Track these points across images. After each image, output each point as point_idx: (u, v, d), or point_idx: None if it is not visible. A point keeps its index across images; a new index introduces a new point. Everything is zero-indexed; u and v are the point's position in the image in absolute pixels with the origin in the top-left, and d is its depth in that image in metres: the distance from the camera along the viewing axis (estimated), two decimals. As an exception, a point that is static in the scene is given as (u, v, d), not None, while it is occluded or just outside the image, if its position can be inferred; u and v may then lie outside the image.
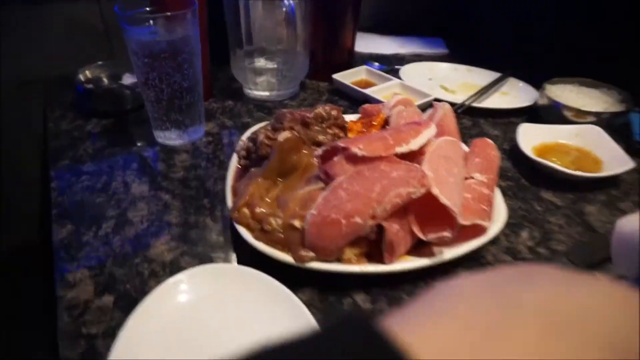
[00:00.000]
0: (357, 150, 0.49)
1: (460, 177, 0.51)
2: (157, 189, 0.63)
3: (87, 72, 0.86)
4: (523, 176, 0.67)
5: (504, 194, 0.60)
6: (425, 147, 0.52)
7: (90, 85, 0.83)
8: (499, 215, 0.52)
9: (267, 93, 0.88)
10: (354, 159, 0.49)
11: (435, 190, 0.46)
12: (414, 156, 0.51)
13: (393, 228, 0.46)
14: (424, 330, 0.14)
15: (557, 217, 0.59)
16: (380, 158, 0.49)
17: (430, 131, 0.53)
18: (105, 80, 0.86)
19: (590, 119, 0.74)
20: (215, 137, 0.77)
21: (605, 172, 0.64)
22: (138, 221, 0.57)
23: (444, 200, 0.45)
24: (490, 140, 0.60)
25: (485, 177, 0.53)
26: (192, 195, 0.63)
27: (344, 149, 0.50)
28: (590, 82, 0.82)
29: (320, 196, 0.48)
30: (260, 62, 0.88)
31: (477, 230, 0.50)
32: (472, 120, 0.83)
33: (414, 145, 0.51)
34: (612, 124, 0.75)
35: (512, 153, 0.72)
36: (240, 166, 0.63)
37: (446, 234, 0.46)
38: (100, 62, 0.88)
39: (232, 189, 0.58)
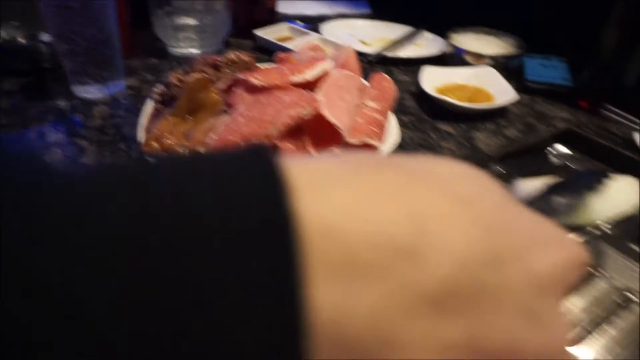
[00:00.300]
0: (255, 80, 0.53)
1: (353, 103, 0.56)
2: (73, 136, 0.65)
3: (3, 32, 0.85)
4: (424, 112, 0.73)
5: (406, 127, 0.66)
6: (322, 79, 0.56)
7: (4, 43, 0.82)
8: (392, 137, 0.58)
9: (189, 50, 0.90)
10: (252, 89, 0.53)
11: (325, 112, 0.50)
12: (310, 86, 0.55)
13: (287, 147, 0.51)
14: (305, 161, 0.14)
15: (449, 143, 0.66)
16: (276, 87, 0.53)
17: (325, 64, 0.57)
18: (21, 40, 0.85)
19: (487, 61, 0.81)
20: (136, 90, 0.79)
21: (493, 104, 0.70)
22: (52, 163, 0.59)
23: (331, 119, 0.50)
24: (386, 75, 0.65)
25: (378, 104, 0.58)
26: (108, 140, 0.65)
27: (243, 81, 0.53)
28: (490, 30, 0.89)
29: (222, 123, 0.52)
30: (181, 20, 0.90)
31: (369, 150, 0.55)
32: (385, 68, 0.89)
33: (308, 75, 0.55)
34: (508, 66, 0.82)
35: (417, 93, 0.78)
36: (155, 110, 0.65)
37: (335, 150, 0.50)
38: (16, 23, 0.87)
39: (145, 129, 0.61)
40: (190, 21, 0.89)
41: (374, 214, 0.12)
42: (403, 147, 0.64)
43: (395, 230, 0.12)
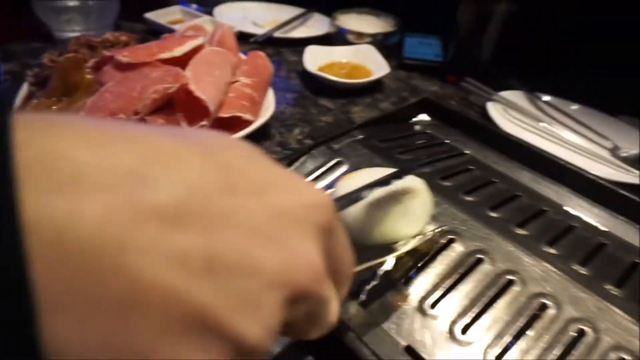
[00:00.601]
0: (122, 57, 0.54)
1: (222, 79, 0.58)
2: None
3: None
4: (307, 89, 0.78)
5: (288, 103, 0.69)
6: (192, 56, 0.59)
7: None
8: (267, 111, 0.61)
9: (75, 33, 0.88)
10: (121, 66, 0.54)
11: (192, 86, 0.53)
12: (181, 63, 0.57)
13: (158, 122, 0.52)
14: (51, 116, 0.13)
15: (327, 117, 0.70)
16: (144, 64, 0.54)
17: (195, 41, 0.59)
18: None
19: (367, 39, 0.87)
20: (14, 74, 0.76)
21: (367, 79, 0.76)
22: None
23: (197, 93, 0.52)
24: (261, 53, 0.68)
25: (250, 80, 0.61)
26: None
27: (111, 58, 0.54)
28: (371, 10, 0.94)
29: (89, 100, 0.52)
30: (62, 1, 0.87)
31: (242, 123, 0.58)
32: (275, 49, 0.92)
33: (177, 52, 0.57)
34: (387, 44, 0.88)
35: (302, 72, 0.82)
36: (29, 92, 0.64)
37: (204, 122, 0.53)
38: None
39: (17, 111, 0.59)
40: (71, 2, 0.87)
41: (106, 146, 0.13)
42: (283, 121, 0.68)
43: (126, 157, 0.13)
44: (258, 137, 0.62)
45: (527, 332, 0.34)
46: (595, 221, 0.47)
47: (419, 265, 0.39)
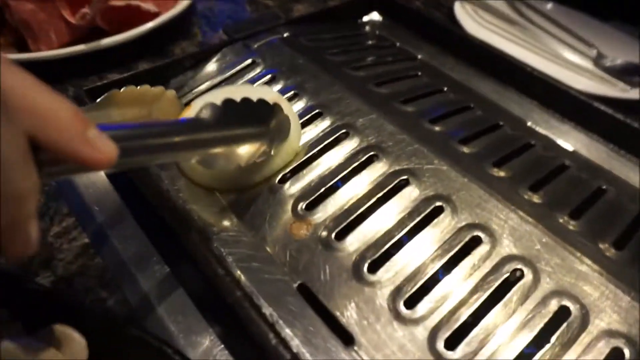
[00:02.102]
0: None
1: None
2: None
3: None
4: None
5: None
6: None
7: None
8: (180, 4, 0.50)
9: None
10: None
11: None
12: None
13: (26, 7, 0.41)
14: None
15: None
16: None
17: None
18: None
19: None
20: None
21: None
22: None
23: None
24: None
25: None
26: None
27: None
28: None
29: None
30: None
31: (143, 16, 0.47)
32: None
33: None
34: None
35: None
36: None
37: (85, 10, 0.42)
38: None
39: None
40: None
41: None
42: (209, 19, 0.57)
43: None
44: (173, 36, 0.51)
45: (453, 272, 0.27)
46: (562, 140, 0.38)
47: (328, 184, 0.31)
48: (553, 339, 0.24)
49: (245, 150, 0.30)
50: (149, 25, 0.46)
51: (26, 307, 0.24)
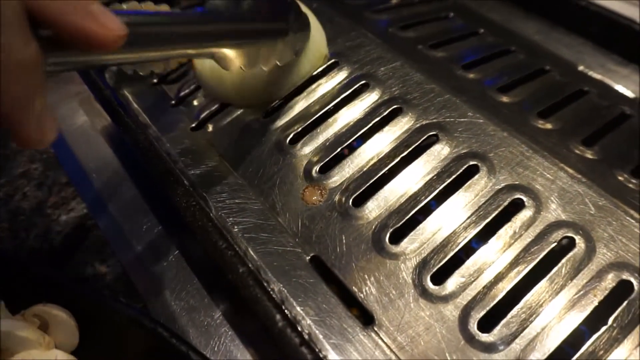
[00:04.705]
0: None
1: None
2: None
3: None
4: None
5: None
6: None
7: None
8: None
9: None
10: None
11: None
12: None
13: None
14: None
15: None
16: None
17: None
18: None
19: None
20: None
21: None
22: None
23: None
24: None
25: None
26: None
27: None
28: None
29: None
30: None
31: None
32: None
33: None
34: None
35: None
36: None
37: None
38: None
39: None
40: None
41: None
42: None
43: None
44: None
45: (489, 241, 0.23)
46: (621, 86, 0.33)
47: (345, 144, 0.27)
48: (611, 319, 0.20)
49: (266, 54, 0.26)
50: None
51: (11, 285, 0.22)
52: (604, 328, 0.20)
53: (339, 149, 0.27)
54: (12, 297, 0.21)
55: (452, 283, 0.22)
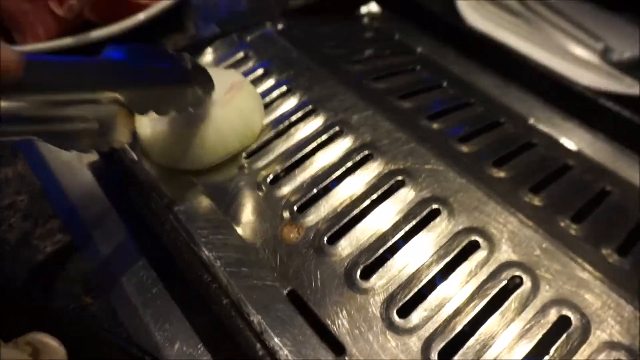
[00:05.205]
0: None
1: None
2: None
3: None
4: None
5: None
6: None
7: None
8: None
9: None
10: None
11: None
12: None
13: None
14: None
15: (257, 4, 0.57)
16: None
17: None
18: None
19: None
20: None
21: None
22: None
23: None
24: None
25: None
26: None
27: None
28: None
29: None
30: None
31: (134, 7, 0.45)
32: None
33: None
34: None
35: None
36: None
37: (73, 1, 0.41)
38: None
39: None
40: None
41: None
42: (203, 11, 0.55)
43: None
44: (165, 28, 0.50)
45: (449, 278, 0.26)
46: (565, 139, 0.37)
47: (320, 185, 0.30)
48: (552, 350, 0.23)
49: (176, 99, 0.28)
50: (140, 17, 0.44)
51: (3, 314, 0.23)
52: (546, 358, 0.23)
53: (314, 190, 0.30)
54: (4, 325, 0.22)
55: (416, 316, 0.24)
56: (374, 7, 0.51)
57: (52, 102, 0.20)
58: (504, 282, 0.25)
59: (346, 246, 0.27)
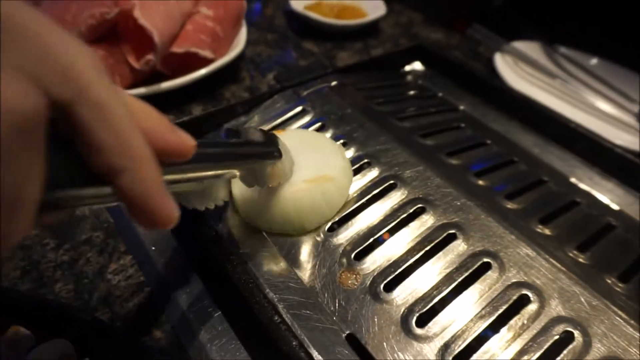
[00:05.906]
0: (58, -26, 0.46)
1: (178, 8, 0.50)
2: None
3: None
4: (291, 30, 0.68)
5: (267, 44, 0.61)
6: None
7: None
8: (234, 50, 0.53)
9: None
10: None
11: (136, 13, 0.44)
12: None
13: (98, 53, 0.45)
14: None
15: (308, 61, 0.61)
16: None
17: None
18: None
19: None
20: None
21: (359, 21, 0.66)
22: None
23: (142, 21, 0.44)
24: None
25: (212, 12, 0.52)
26: None
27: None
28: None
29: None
30: None
31: (200, 61, 0.50)
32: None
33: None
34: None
35: (289, 12, 0.73)
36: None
37: (150, 57, 0.45)
38: None
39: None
40: None
41: None
42: (258, 64, 0.59)
43: None
44: (224, 79, 0.54)
45: (501, 330, 0.27)
46: (606, 198, 0.38)
47: (376, 235, 0.32)
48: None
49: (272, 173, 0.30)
50: (203, 71, 0.48)
51: (83, 341, 0.25)
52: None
53: (370, 240, 0.32)
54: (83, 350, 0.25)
55: (471, 366, 0.26)
56: (417, 66, 0.55)
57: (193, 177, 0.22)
58: (556, 337, 0.26)
59: (401, 294, 0.29)
